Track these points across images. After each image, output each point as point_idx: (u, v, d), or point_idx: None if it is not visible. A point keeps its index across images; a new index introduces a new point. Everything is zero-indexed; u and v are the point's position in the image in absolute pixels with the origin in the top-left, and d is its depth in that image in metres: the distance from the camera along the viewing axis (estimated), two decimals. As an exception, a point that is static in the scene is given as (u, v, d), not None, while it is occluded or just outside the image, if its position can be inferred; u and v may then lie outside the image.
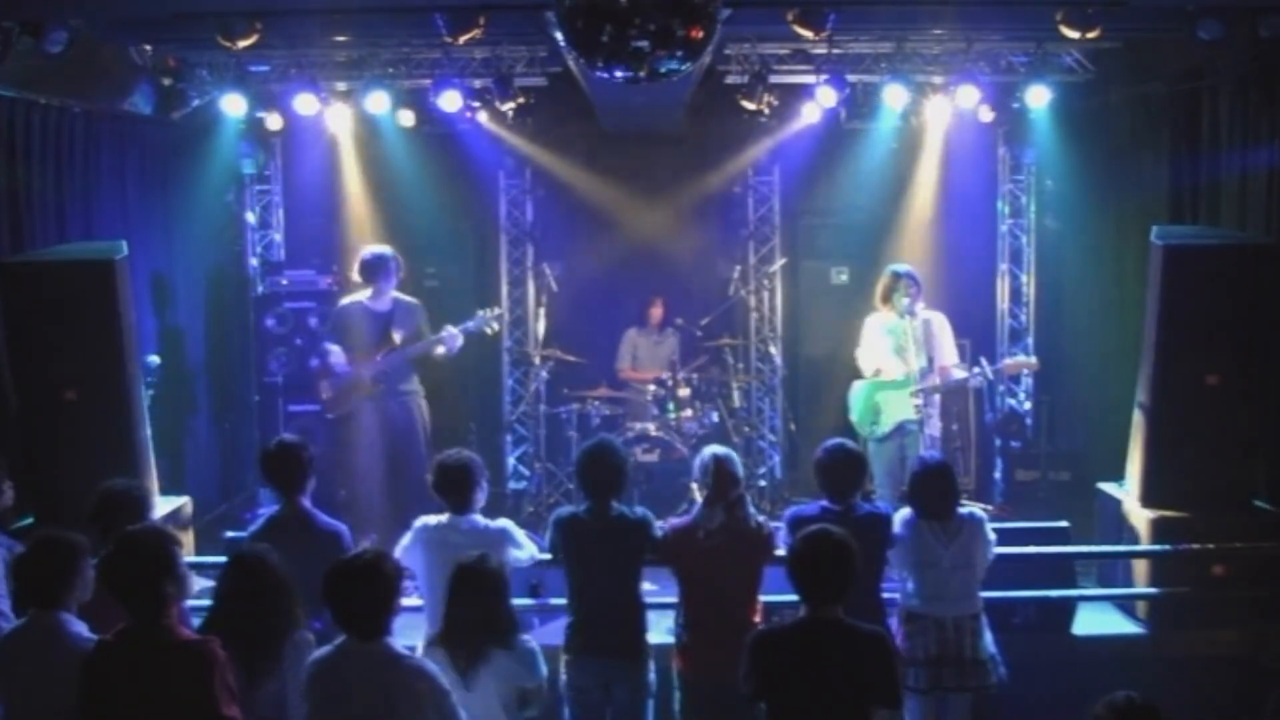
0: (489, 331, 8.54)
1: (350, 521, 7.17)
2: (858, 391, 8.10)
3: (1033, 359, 8.64)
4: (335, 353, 8.25)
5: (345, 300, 8.55)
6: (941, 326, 8.10)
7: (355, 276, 8.41)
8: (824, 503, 5.41)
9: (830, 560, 4.24)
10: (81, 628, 4.23)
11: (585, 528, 5.28)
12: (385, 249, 8.40)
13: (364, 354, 8.24)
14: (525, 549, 5.40)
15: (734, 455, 5.35)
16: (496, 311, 8.59)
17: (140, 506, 5.40)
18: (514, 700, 4.43)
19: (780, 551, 5.03)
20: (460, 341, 8.24)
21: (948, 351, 8.11)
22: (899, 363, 7.88)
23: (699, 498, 5.30)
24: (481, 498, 5.39)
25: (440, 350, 8.24)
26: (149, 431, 7.08)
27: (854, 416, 8.09)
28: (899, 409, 7.84)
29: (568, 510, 5.50)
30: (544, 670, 4.58)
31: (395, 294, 8.33)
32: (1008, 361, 9.11)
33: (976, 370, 8.13)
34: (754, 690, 4.24)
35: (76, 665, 3.95)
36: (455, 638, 4.28)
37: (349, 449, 8.30)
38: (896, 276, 7.96)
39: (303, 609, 4.40)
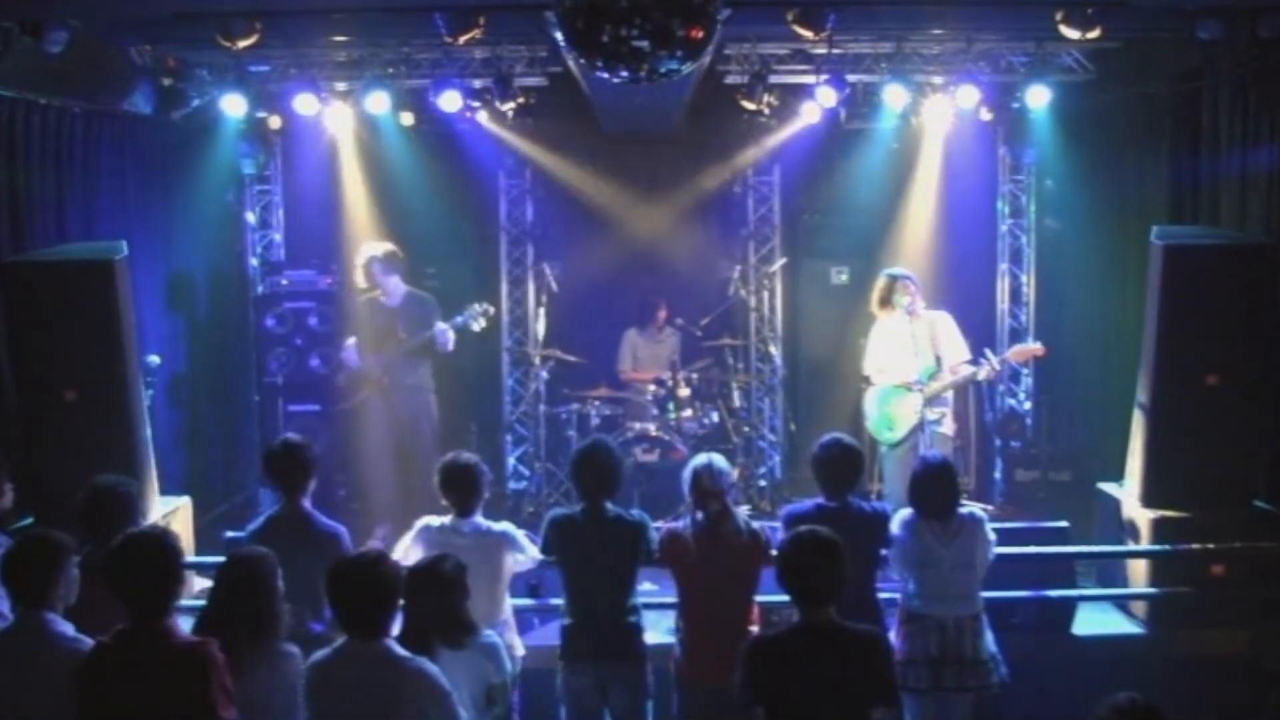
0: (476, 327, 8.55)
1: (359, 511, 7.18)
2: (872, 398, 8.08)
3: (1038, 345, 8.46)
4: (349, 346, 8.53)
5: (363, 295, 8.72)
6: (947, 326, 8.03)
7: (360, 282, 8.57)
8: (820, 500, 5.41)
9: (819, 562, 4.20)
10: (67, 628, 4.19)
11: (579, 529, 5.26)
12: (383, 246, 8.56)
13: (372, 347, 8.49)
14: (527, 552, 5.39)
15: (716, 466, 5.19)
16: (485, 306, 8.60)
17: (130, 504, 5.40)
18: (483, 698, 4.39)
19: (775, 552, 4.98)
20: (450, 336, 8.33)
21: (955, 351, 8.00)
22: (906, 366, 7.85)
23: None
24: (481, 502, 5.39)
25: (436, 345, 8.36)
26: (149, 431, 7.08)
27: (869, 424, 8.09)
28: (912, 414, 7.83)
29: (562, 511, 5.48)
30: (508, 666, 4.58)
31: (408, 289, 8.47)
32: (1014, 349, 8.79)
33: (983, 360, 7.95)
34: (751, 697, 4.21)
35: (63, 665, 3.95)
36: (412, 639, 4.23)
37: (358, 439, 8.52)
38: (892, 279, 7.96)
39: (292, 616, 4.36)
